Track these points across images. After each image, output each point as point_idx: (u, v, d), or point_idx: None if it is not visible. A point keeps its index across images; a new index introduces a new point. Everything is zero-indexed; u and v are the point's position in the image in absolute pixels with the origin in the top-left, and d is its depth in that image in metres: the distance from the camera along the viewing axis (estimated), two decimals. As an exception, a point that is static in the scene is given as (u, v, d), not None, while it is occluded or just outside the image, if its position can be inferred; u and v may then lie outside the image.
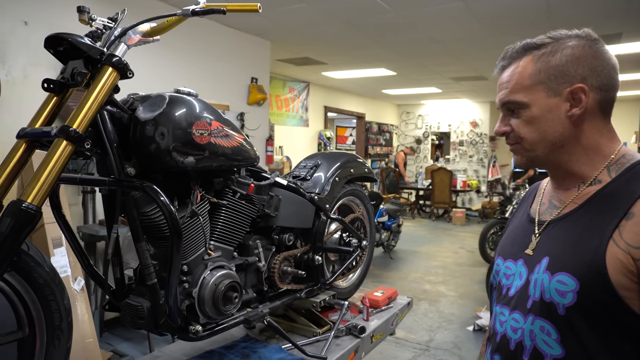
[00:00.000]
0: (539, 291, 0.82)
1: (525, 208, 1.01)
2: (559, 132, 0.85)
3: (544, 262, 0.84)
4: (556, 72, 0.84)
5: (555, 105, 0.84)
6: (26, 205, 0.93)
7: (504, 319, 0.90)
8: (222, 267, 1.39)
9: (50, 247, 2.49)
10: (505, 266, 0.95)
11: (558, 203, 0.90)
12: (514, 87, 0.87)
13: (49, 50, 1.15)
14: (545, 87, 0.84)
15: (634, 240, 0.74)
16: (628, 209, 0.76)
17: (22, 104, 2.99)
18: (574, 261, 0.78)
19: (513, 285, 0.90)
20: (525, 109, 0.86)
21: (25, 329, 1.04)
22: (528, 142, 0.87)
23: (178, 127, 1.19)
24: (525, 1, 3.82)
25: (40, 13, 3.08)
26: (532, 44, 0.87)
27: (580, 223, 0.82)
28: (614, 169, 0.84)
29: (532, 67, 0.86)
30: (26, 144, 1.11)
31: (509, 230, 1.03)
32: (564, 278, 0.78)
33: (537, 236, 0.90)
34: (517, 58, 0.89)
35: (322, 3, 3.96)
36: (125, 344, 3.27)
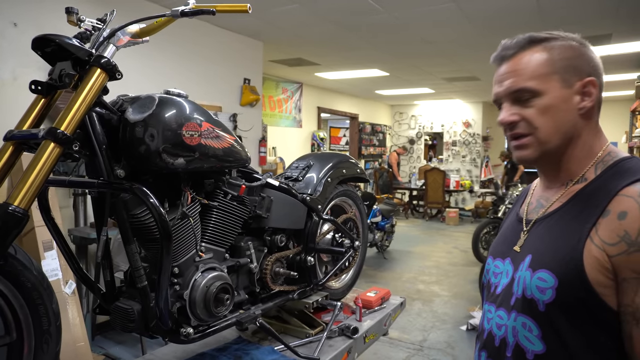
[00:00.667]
0: (521, 288, 0.83)
1: (517, 209, 1.02)
2: (571, 125, 0.84)
3: (527, 259, 0.85)
4: (569, 64, 0.83)
5: (569, 97, 0.83)
6: (13, 209, 0.92)
7: (490, 316, 0.92)
8: (213, 268, 1.39)
9: (41, 250, 2.47)
10: (495, 265, 0.97)
11: (545, 202, 0.91)
12: (527, 74, 0.84)
13: (37, 51, 1.14)
14: (560, 77, 0.83)
15: (608, 237, 0.74)
16: (605, 207, 0.77)
17: (12, 106, 2.96)
18: (553, 259, 0.80)
19: (500, 283, 0.92)
20: (538, 98, 0.83)
21: (13, 334, 1.03)
22: (543, 132, 0.84)
23: (168, 129, 1.18)
24: (516, 2, 3.84)
25: (30, 14, 3.06)
26: (539, 37, 0.86)
27: (563, 221, 0.83)
28: (600, 167, 0.84)
29: (547, 56, 0.84)
30: (13, 147, 1.10)
31: (501, 230, 1.04)
32: (544, 275, 0.80)
33: (526, 234, 0.91)
34: (524, 48, 0.86)
35: (314, 4, 3.96)
36: (118, 347, 3.25)
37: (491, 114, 11.66)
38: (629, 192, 0.75)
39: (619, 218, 0.74)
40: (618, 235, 0.74)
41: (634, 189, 0.75)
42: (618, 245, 0.73)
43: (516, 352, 0.83)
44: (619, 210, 0.75)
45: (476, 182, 10.78)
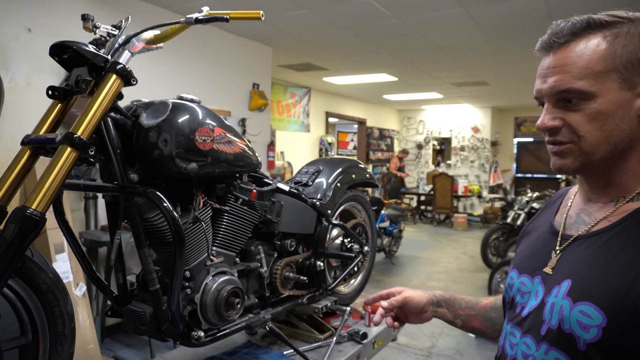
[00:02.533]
0: (557, 318, 0.71)
1: (549, 217, 0.88)
2: (625, 133, 0.69)
3: (564, 285, 0.72)
4: (633, 59, 0.68)
5: (628, 101, 0.68)
6: (30, 212, 0.93)
7: (515, 341, 0.80)
8: (224, 272, 1.40)
9: (52, 253, 2.50)
10: (520, 281, 0.84)
11: (588, 218, 0.77)
12: (581, 71, 0.69)
13: (54, 57, 1.16)
14: (620, 76, 0.68)
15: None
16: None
17: (26, 111, 3.01)
18: (602, 291, 0.66)
19: (527, 305, 0.80)
20: (589, 101, 0.69)
21: (29, 335, 1.04)
22: (589, 142, 0.70)
23: (181, 134, 1.20)
24: (525, 7, 3.84)
25: (44, 20, 3.11)
26: (600, 21, 0.70)
27: (614, 245, 0.69)
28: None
29: (606, 49, 0.68)
30: (30, 151, 1.11)
31: (529, 241, 0.90)
32: (588, 309, 0.67)
33: (558, 253, 0.78)
34: (579, 35, 0.71)
35: (323, 9, 3.99)
36: (127, 350, 3.27)
37: (500, 119, 11.62)
38: None
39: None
40: None
41: None
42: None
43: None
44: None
45: (485, 188, 10.73)
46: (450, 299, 1.04)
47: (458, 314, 1.03)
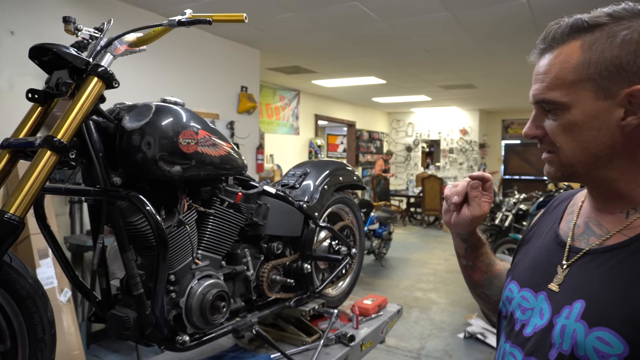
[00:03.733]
0: (569, 343, 0.64)
1: (552, 225, 0.81)
2: (606, 145, 0.66)
3: (577, 306, 0.66)
4: (612, 66, 0.63)
5: (605, 111, 0.65)
6: (8, 217, 0.92)
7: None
8: (210, 276, 1.39)
9: (36, 258, 2.46)
10: (521, 296, 0.77)
11: (598, 229, 0.71)
12: (552, 81, 0.68)
13: (34, 60, 1.15)
14: (594, 85, 0.65)
15: None
16: None
17: (8, 114, 2.96)
18: (622, 316, 0.60)
19: (530, 323, 0.73)
20: (564, 111, 0.67)
21: (7, 342, 1.02)
22: (565, 154, 0.69)
23: (164, 137, 1.19)
24: (510, 10, 3.88)
25: (27, 23, 3.07)
26: (583, 24, 0.66)
27: (633, 264, 0.63)
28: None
29: (580, 57, 0.66)
30: (9, 155, 1.10)
31: (530, 250, 0.83)
32: (607, 336, 0.61)
33: (566, 268, 0.71)
34: (561, 42, 0.68)
35: (311, 12, 3.99)
36: (113, 356, 3.22)
37: (487, 121, 11.72)
38: None
39: None
40: None
41: None
42: None
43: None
44: None
45: (473, 189, 10.78)
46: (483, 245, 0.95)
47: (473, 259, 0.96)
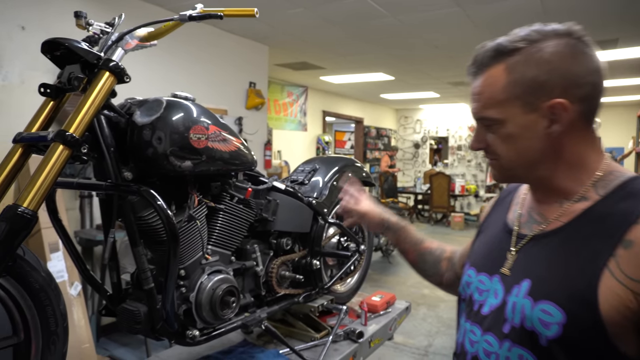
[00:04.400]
0: (519, 317, 0.75)
1: (502, 215, 0.92)
2: (537, 150, 0.77)
3: (524, 285, 0.76)
4: (533, 84, 0.74)
5: (533, 122, 0.75)
6: (22, 210, 0.92)
7: (475, 338, 0.83)
8: (219, 271, 1.39)
9: (47, 252, 2.48)
10: (479, 280, 0.87)
11: (539, 218, 0.81)
12: (486, 101, 0.78)
13: (46, 55, 1.15)
14: (521, 102, 0.75)
15: (635, 273, 0.65)
16: (623, 235, 0.67)
17: (19, 109, 2.99)
18: (561, 290, 0.71)
19: (487, 303, 0.82)
20: (500, 126, 0.78)
21: (21, 334, 1.03)
22: (506, 160, 0.80)
23: (175, 132, 1.19)
24: (521, 5, 3.84)
25: (38, 18, 3.09)
26: (504, 49, 0.76)
27: (568, 245, 0.74)
28: (601, 186, 0.75)
29: (505, 79, 0.76)
30: (22, 149, 1.10)
31: (484, 239, 0.94)
32: (548, 308, 0.71)
33: (514, 253, 0.82)
34: (487, 65, 0.79)
35: (320, 8, 3.98)
36: (122, 349, 3.25)
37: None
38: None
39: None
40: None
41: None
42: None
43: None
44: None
45: (482, 187, 10.75)
46: (399, 230, 1.17)
47: (399, 243, 1.17)
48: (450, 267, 1.10)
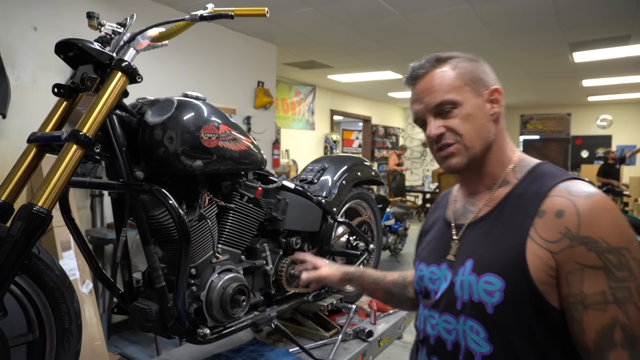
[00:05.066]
0: (467, 292, 0.85)
1: (441, 214, 1.04)
2: (488, 129, 0.91)
3: (468, 264, 0.87)
4: (474, 77, 0.91)
5: (482, 104, 0.90)
6: (37, 209, 0.93)
7: (434, 322, 0.93)
8: (230, 270, 1.40)
9: (59, 250, 2.51)
10: (430, 271, 0.97)
11: (473, 207, 0.94)
12: (445, 88, 0.90)
13: (59, 55, 1.17)
14: (471, 88, 0.90)
15: (550, 236, 0.79)
16: (538, 208, 0.81)
17: (32, 109, 3.02)
18: (498, 262, 0.82)
19: (440, 289, 0.93)
20: (459, 108, 0.89)
21: (36, 332, 1.05)
22: (468, 138, 0.89)
23: (186, 131, 1.20)
24: (532, 3, 3.81)
25: (50, 19, 3.12)
26: (443, 57, 0.93)
27: (498, 224, 0.87)
28: (518, 171, 0.91)
29: (456, 71, 0.91)
30: (37, 148, 1.12)
31: (429, 237, 1.05)
32: (490, 279, 0.82)
33: (457, 241, 0.94)
34: (431, 67, 0.93)
35: (328, 7, 3.97)
36: (133, 347, 3.28)
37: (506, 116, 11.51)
38: (559, 192, 0.81)
39: (557, 216, 0.79)
40: (559, 232, 0.78)
41: (562, 189, 0.82)
42: (561, 241, 0.78)
43: (466, 355, 0.86)
44: (555, 210, 0.80)
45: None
46: (361, 276, 1.25)
47: (364, 287, 1.26)
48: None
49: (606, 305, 0.75)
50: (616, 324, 0.75)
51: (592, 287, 0.76)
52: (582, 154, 10.96)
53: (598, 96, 9.42)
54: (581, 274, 0.76)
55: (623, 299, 0.75)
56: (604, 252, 0.76)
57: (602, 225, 0.77)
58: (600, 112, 10.68)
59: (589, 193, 0.80)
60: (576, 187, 0.81)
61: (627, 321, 0.74)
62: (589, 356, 0.77)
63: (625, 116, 10.34)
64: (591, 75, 7.06)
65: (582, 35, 4.71)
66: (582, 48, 5.23)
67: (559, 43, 5.01)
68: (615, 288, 0.75)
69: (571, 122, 11.15)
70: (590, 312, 0.76)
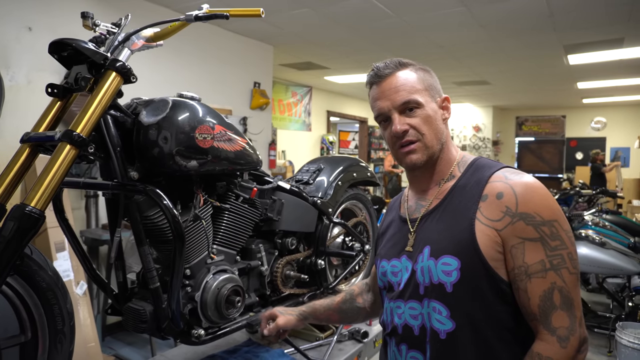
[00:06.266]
0: (428, 276, 0.94)
1: (396, 215, 1.13)
2: (442, 132, 1.02)
3: (425, 251, 0.96)
4: (430, 84, 1.02)
5: (437, 109, 1.02)
6: (30, 209, 0.93)
7: (400, 311, 1.00)
8: (224, 271, 1.39)
9: (53, 251, 2.50)
10: (391, 265, 1.06)
11: (424, 202, 1.05)
12: (411, 88, 0.99)
13: (53, 55, 1.16)
14: (429, 93, 1.01)
15: (493, 215, 0.90)
16: (481, 193, 0.93)
17: (26, 109, 3.00)
18: (452, 244, 0.92)
19: (402, 280, 1.01)
20: (421, 108, 0.99)
21: (28, 333, 1.04)
22: (428, 138, 0.99)
23: (181, 131, 1.19)
24: (527, 6, 3.83)
25: (45, 19, 3.11)
26: (405, 62, 1.03)
27: (448, 212, 0.97)
28: (461, 166, 1.03)
29: (417, 76, 1.01)
30: (30, 149, 1.11)
31: (387, 236, 1.13)
32: (447, 260, 0.92)
33: (413, 233, 1.03)
34: (395, 69, 1.01)
35: (325, 8, 3.98)
36: (128, 349, 3.27)
37: (501, 118, 11.60)
38: (497, 178, 0.94)
39: (497, 198, 0.91)
40: (501, 211, 0.89)
41: (499, 175, 0.94)
42: (503, 219, 0.89)
43: (432, 335, 0.94)
44: (495, 192, 0.91)
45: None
46: (313, 310, 1.33)
47: (320, 318, 1.34)
48: (366, 296, 1.32)
49: (545, 272, 0.86)
50: (555, 288, 0.85)
51: (533, 258, 0.87)
52: (577, 155, 11.02)
53: (593, 98, 9.48)
54: (522, 247, 0.87)
55: (558, 265, 0.86)
56: (539, 225, 0.87)
57: (535, 202, 0.88)
58: (594, 115, 10.75)
59: (522, 177, 0.92)
60: (511, 173, 0.94)
61: (563, 284, 0.85)
62: (535, 321, 0.87)
63: (620, 118, 10.40)
64: (586, 78, 7.10)
65: (577, 38, 4.75)
66: (576, 50, 5.26)
67: (554, 45, 5.04)
68: (551, 256, 0.86)
69: (566, 124, 11.21)
70: (533, 280, 0.86)
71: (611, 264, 3.24)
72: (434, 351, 0.93)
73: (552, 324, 0.85)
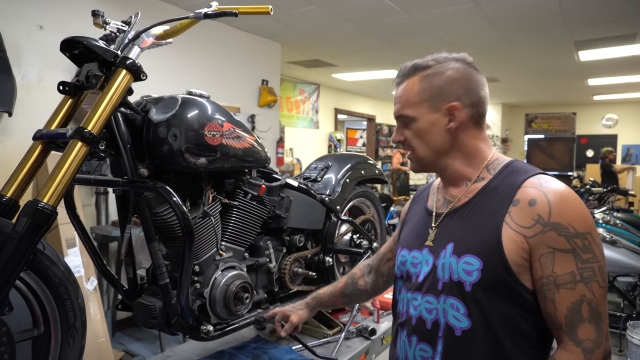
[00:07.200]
0: (448, 273, 0.94)
1: (422, 205, 1.13)
2: (441, 142, 1.00)
3: (449, 247, 0.96)
4: (437, 91, 0.99)
5: (437, 120, 0.99)
6: (42, 206, 0.94)
7: (417, 303, 1.01)
8: (233, 267, 1.40)
9: (64, 247, 2.53)
10: (412, 256, 1.06)
11: (451, 198, 1.04)
12: (404, 102, 1.01)
13: (65, 53, 1.17)
14: (429, 104, 0.99)
15: (524, 222, 0.89)
16: (512, 197, 0.91)
17: (38, 107, 3.04)
18: (476, 244, 0.92)
19: (421, 272, 1.01)
20: (414, 122, 1.00)
21: (41, 327, 1.06)
22: (418, 152, 1.02)
23: (190, 129, 1.20)
24: (537, 2, 3.79)
25: (55, 17, 3.14)
26: (420, 65, 1.01)
27: (475, 212, 0.96)
28: (492, 168, 1.00)
29: (419, 86, 1.00)
30: (42, 146, 1.13)
31: (410, 226, 1.14)
32: (469, 259, 0.91)
33: (434, 229, 1.03)
34: (407, 76, 1.02)
35: (333, 5, 3.97)
36: (137, 344, 3.30)
37: (510, 115, 11.51)
38: (531, 184, 0.92)
39: (530, 205, 0.89)
40: (532, 219, 0.88)
41: (533, 181, 0.92)
42: (534, 227, 0.88)
43: (446, 330, 0.94)
44: (528, 199, 0.90)
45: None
46: (318, 300, 1.39)
47: (327, 304, 1.41)
48: (368, 278, 1.35)
49: (575, 284, 0.85)
50: (583, 301, 0.85)
51: (563, 268, 0.86)
52: (587, 153, 10.90)
53: (603, 95, 9.36)
54: (552, 257, 0.86)
55: (589, 277, 0.85)
56: (572, 237, 0.86)
57: (569, 213, 0.87)
58: (605, 111, 10.62)
59: (557, 185, 0.90)
60: (546, 180, 0.92)
61: (592, 297, 0.85)
62: (560, 331, 0.86)
63: (631, 115, 10.27)
64: (597, 74, 7.01)
65: (588, 34, 4.69)
66: (587, 47, 5.20)
67: (565, 42, 4.99)
68: (582, 268, 0.85)
69: (576, 121, 11.09)
70: (561, 290, 0.85)
71: (622, 262, 3.21)
72: (448, 347, 0.94)
73: (579, 335, 0.84)
